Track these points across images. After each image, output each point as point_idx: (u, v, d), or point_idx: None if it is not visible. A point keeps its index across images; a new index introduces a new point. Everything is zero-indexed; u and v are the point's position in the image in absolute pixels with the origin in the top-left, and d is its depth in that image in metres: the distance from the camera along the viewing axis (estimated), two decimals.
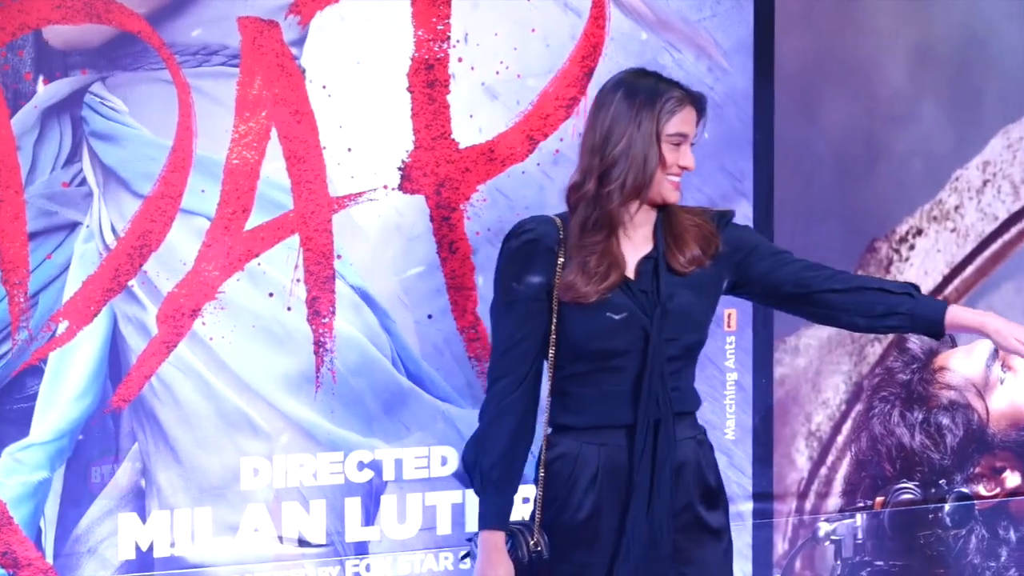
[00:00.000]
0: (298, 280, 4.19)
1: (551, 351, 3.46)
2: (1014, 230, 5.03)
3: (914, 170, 4.87)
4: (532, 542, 3.45)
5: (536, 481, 3.50)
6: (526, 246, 3.46)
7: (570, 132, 4.41)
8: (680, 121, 3.45)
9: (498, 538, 3.44)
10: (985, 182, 4.97)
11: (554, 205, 4.11)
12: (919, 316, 3.56)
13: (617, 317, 3.42)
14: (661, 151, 3.43)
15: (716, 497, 3.57)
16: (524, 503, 3.93)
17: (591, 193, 3.46)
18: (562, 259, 3.44)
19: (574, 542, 3.48)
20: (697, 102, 3.49)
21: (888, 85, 4.84)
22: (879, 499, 4.88)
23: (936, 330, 3.56)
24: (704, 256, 3.50)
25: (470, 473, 3.50)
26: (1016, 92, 5.02)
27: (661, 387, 3.43)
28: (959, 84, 4.93)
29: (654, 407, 3.43)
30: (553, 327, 3.44)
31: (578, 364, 3.45)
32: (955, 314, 3.54)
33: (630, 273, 3.45)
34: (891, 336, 4.78)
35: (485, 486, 3.46)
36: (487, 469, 3.44)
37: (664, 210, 3.51)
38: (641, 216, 3.48)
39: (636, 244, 3.47)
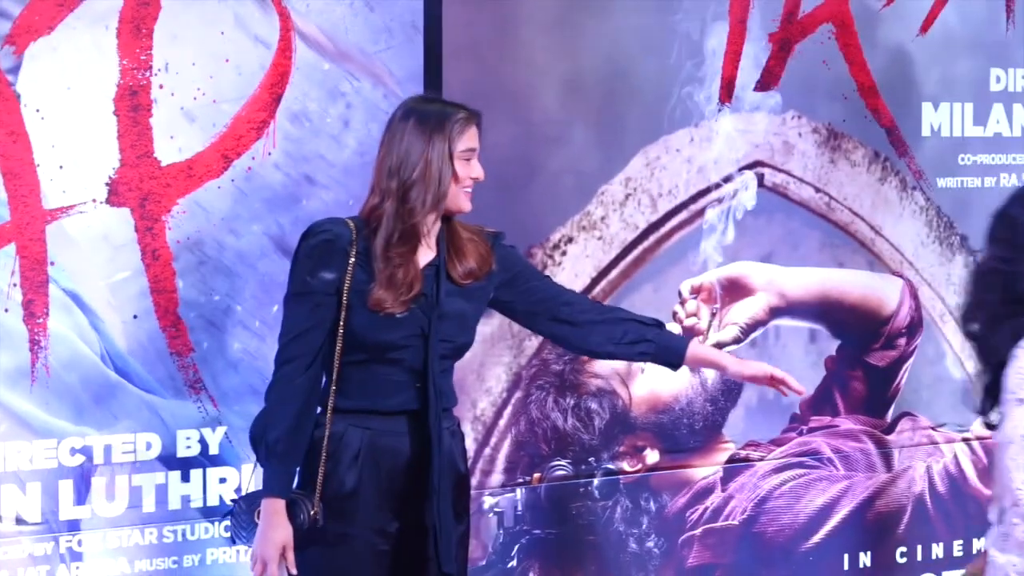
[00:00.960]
0: (15, 284, 4.18)
1: (338, 341, 3.59)
2: (652, 238, 5.15)
3: (566, 185, 4.97)
4: (313, 511, 3.58)
5: (310, 456, 3.61)
6: (322, 244, 3.62)
7: (261, 151, 4.47)
8: (468, 138, 3.67)
9: (279, 504, 3.58)
10: (627, 196, 5.10)
11: (247, 216, 4.37)
12: (664, 346, 3.82)
13: (398, 315, 3.61)
14: (454, 167, 3.62)
15: (464, 483, 3.80)
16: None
17: (391, 211, 3.60)
18: (353, 259, 3.60)
19: (335, 513, 3.61)
20: (478, 119, 3.68)
21: (543, 111, 4.94)
22: (536, 475, 5.00)
23: (677, 360, 3.80)
24: (479, 271, 3.69)
25: (256, 445, 3.63)
26: (654, 117, 5.12)
27: (434, 382, 3.61)
28: (605, 110, 5.04)
29: (436, 397, 3.61)
30: (342, 320, 3.58)
31: (357, 353, 3.60)
32: (695, 349, 3.84)
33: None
34: None
35: (270, 458, 3.58)
36: (272, 443, 3.57)
37: (447, 222, 3.67)
38: (433, 227, 3.66)
39: (422, 251, 3.66)
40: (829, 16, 5.49)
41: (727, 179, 5.31)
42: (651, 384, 5.17)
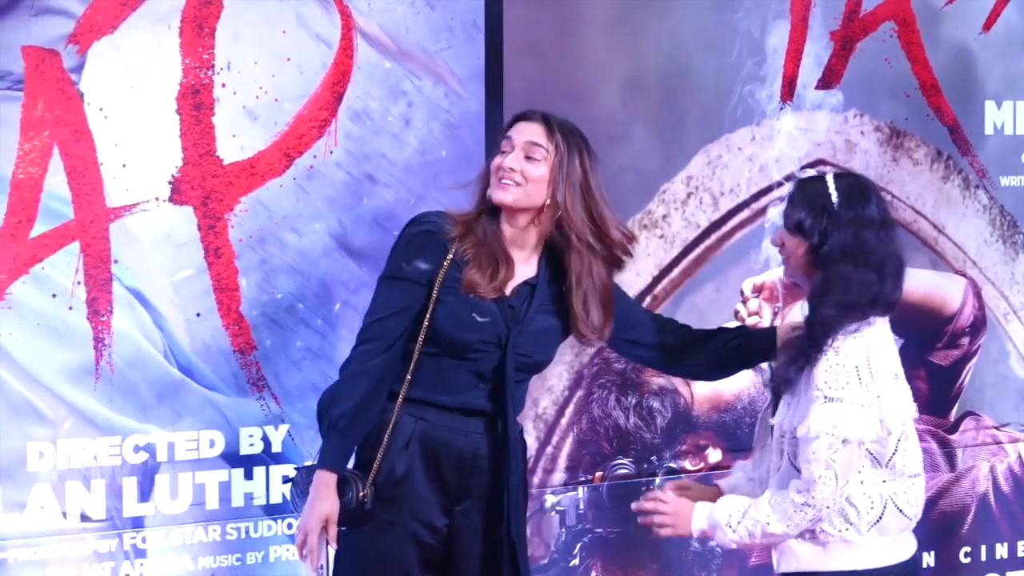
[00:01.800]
0: (79, 282, 4.22)
1: (421, 332, 3.61)
2: (714, 236, 5.15)
3: (627, 184, 4.95)
4: (363, 493, 3.60)
5: (370, 439, 3.62)
6: (423, 235, 3.65)
7: (322, 150, 4.48)
8: (510, 131, 3.72)
9: (330, 478, 3.59)
10: (689, 194, 5.10)
11: (308, 215, 4.39)
12: (750, 335, 3.88)
13: (480, 319, 3.63)
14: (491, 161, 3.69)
15: (525, 488, 3.82)
16: (284, 482, 4.08)
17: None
18: (452, 255, 3.62)
19: (383, 499, 3.62)
20: (528, 115, 3.73)
21: (604, 109, 4.92)
22: (598, 474, 5.01)
23: (770, 341, 3.82)
24: (603, 327, 3.73)
25: (320, 417, 3.64)
26: (715, 115, 5.11)
27: (508, 388, 3.64)
28: (666, 108, 5.04)
29: (504, 402, 3.64)
30: (428, 311, 3.61)
31: (433, 346, 3.62)
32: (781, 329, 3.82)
33: (507, 290, 3.65)
34: None
35: (330, 431, 3.60)
36: (336, 417, 3.58)
37: (567, 258, 3.68)
38: (528, 239, 3.69)
39: (520, 266, 3.67)
40: (891, 14, 5.47)
41: (789, 178, 5.25)
42: (713, 383, 5.13)
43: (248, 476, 4.51)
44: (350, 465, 3.74)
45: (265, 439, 4.53)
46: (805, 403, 3.50)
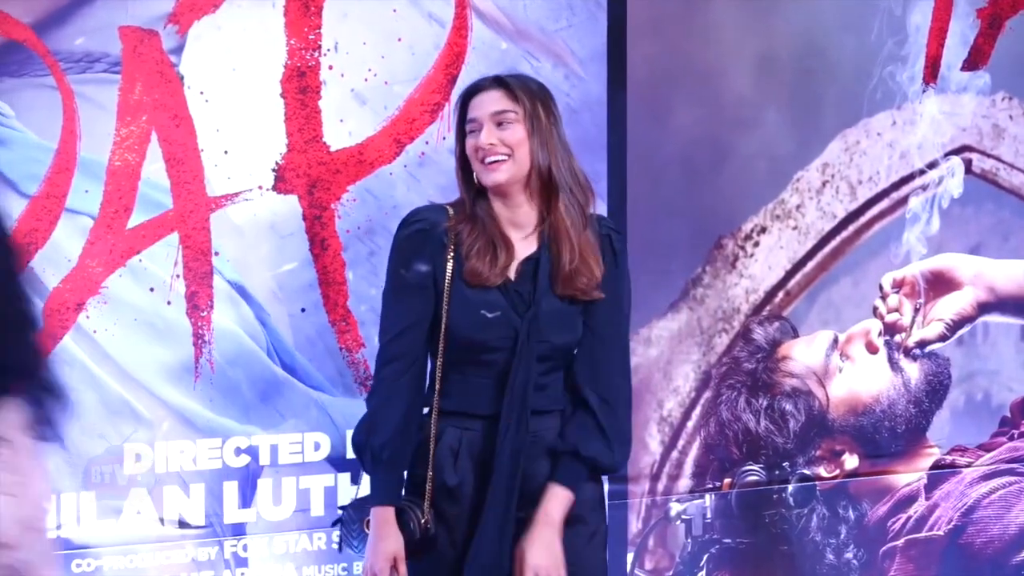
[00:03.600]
0: (178, 276, 4.20)
1: (440, 339, 3.48)
2: (851, 228, 5.06)
3: (758, 171, 4.90)
4: (424, 520, 3.49)
5: (416, 460, 3.52)
6: (416, 235, 3.49)
7: (435, 135, 4.43)
8: (470, 109, 3.52)
9: (389, 513, 3.48)
10: (824, 183, 5.02)
11: (419, 204, 4.15)
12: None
13: (490, 315, 3.47)
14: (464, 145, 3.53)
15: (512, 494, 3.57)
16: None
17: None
18: (453, 248, 3.48)
19: (439, 516, 3.51)
20: (483, 84, 3.53)
21: (733, 91, 4.86)
22: (727, 480, 4.93)
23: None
24: (589, 287, 3.50)
25: (361, 453, 3.51)
26: (853, 98, 5.02)
27: (524, 384, 3.47)
28: (800, 91, 4.96)
29: (518, 401, 3.47)
30: (444, 313, 3.47)
31: (452, 352, 3.49)
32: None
33: (511, 273, 3.49)
34: (737, 327, 4.86)
35: (376, 465, 3.48)
36: (378, 448, 3.46)
37: (551, 214, 3.51)
38: (527, 215, 3.52)
39: (517, 243, 3.52)
40: None
41: (932, 165, 5.19)
42: (850, 384, 5.10)
43: (355, 481, 4.40)
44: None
45: None
46: None
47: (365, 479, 3.60)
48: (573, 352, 3.57)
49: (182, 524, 4.26)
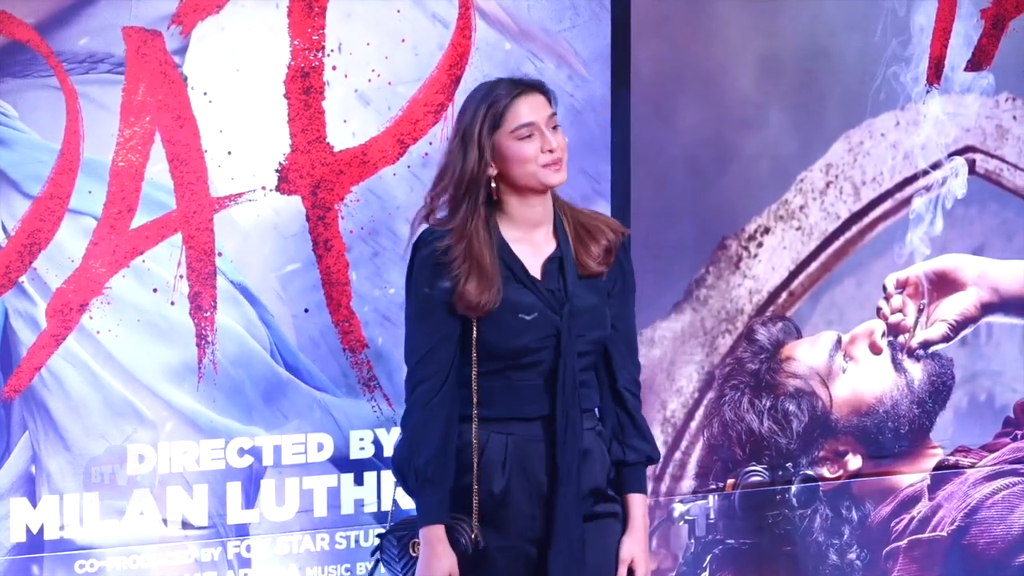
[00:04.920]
0: (181, 276, 4.19)
1: (472, 352, 3.47)
2: (855, 229, 5.04)
3: (762, 172, 4.89)
4: (474, 534, 3.48)
5: (459, 474, 3.50)
6: (434, 254, 3.47)
7: (438, 136, 4.42)
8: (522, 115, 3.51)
9: (440, 532, 3.45)
10: (828, 183, 5.00)
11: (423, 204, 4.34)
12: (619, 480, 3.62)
13: (528, 318, 3.48)
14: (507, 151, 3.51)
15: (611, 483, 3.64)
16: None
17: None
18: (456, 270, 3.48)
19: (489, 526, 3.50)
20: (529, 89, 3.54)
21: (737, 92, 4.85)
22: (730, 481, 4.92)
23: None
24: (605, 261, 3.55)
25: (403, 474, 3.49)
26: (856, 99, 5.00)
27: (572, 382, 3.48)
28: (803, 91, 4.94)
29: (570, 399, 3.48)
30: (474, 330, 3.47)
31: (493, 362, 3.49)
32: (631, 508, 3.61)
33: (536, 273, 3.50)
34: (740, 328, 4.86)
35: (422, 484, 3.46)
36: (422, 467, 3.44)
37: (562, 209, 3.57)
38: (543, 214, 3.54)
39: (537, 244, 3.54)
40: None
41: (935, 166, 5.16)
42: (853, 385, 5.08)
43: (358, 482, 4.46)
44: None
45: (376, 442, 4.48)
46: None
47: (399, 499, 3.66)
48: (603, 347, 3.59)
49: (185, 525, 4.25)
